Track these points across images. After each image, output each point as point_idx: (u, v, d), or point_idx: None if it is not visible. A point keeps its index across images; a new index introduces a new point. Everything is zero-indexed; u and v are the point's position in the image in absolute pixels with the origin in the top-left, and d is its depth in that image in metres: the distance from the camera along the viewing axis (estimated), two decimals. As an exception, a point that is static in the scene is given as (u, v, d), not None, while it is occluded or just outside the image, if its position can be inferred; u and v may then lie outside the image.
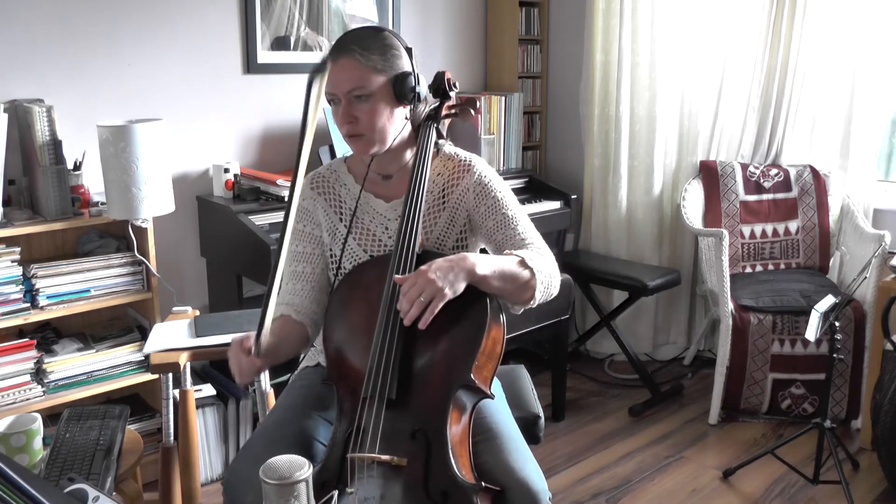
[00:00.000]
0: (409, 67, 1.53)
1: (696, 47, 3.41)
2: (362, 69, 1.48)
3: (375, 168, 1.62)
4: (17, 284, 2.30)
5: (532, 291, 1.47)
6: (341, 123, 1.52)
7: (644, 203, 3.58)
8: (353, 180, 1.66)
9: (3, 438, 1.69)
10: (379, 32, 1.54)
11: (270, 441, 1.45)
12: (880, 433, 2.54)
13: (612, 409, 3.26)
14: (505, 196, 1.61)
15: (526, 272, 1.45)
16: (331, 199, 1.65)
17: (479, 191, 1.60)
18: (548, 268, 1.50)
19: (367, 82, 1.48)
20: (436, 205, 1.61)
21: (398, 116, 1.55)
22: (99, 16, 2.63)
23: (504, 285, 1.44)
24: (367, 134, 1.52)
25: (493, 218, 1.58)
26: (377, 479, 1.31)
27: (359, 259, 1.61)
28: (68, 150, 2.43)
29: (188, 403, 2.29)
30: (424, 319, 1.34)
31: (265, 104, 3.08)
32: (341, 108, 1.51)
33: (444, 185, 1.62)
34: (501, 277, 1.43)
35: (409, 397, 1.37)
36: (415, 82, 1.53)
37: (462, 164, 1.63)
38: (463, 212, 1.62)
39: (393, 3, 3.37)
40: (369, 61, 1.48)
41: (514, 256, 1.47)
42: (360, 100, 1.49)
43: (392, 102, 1.52)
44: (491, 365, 1.42)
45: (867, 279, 2.81)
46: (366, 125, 1.51)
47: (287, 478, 1.10)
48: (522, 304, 1.51)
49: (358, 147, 1.55)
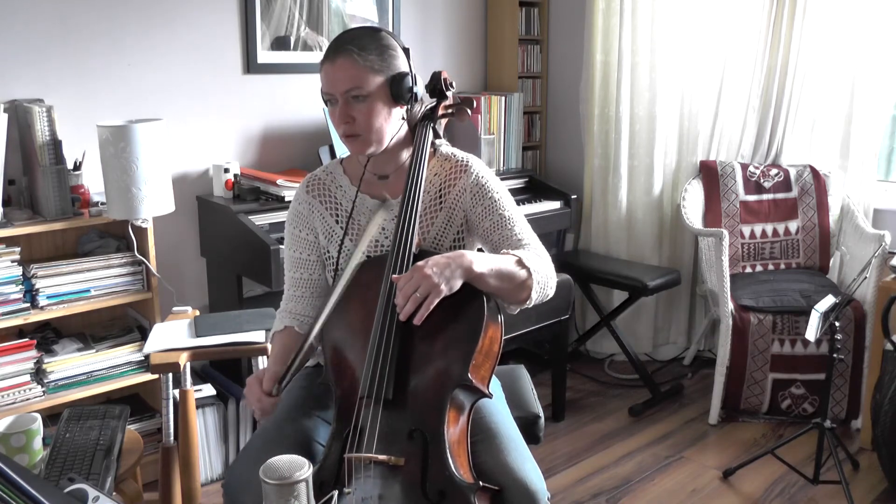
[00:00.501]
0: (406, 67, 1.53)
1: (696, 47, 3.41)
2: (359, 69, 1.48)
3: (371, 168, 1.62)
4: (17, 284, 2.30)
5: (528, 291, 1.47)
6: (338, 123, 1.52)
7: (644, 203, 3.58)
8: (349, 181, 1.66)
9: (3, 438, 1.69)
10: (376, 32, 1.54)
11: (270, 442, 1.46)
12: (880, 433, 2.54)
13: (612, 409, 3.26)
14: (502, 197, 1.61)
15: (523, 272, 1.45)
16: (326, 201, 1.65)
17: (476, 191, 1.60)
18: (544, 268, 1.51)
19: (365, 82, 1.48)
20: (433, 205, 1.61)
21: (395, 116, 1.55)
22: (99, 16, 2.63)
23: (500, 284, 1.44)
24: (364, 134, 1.52)
25: (489, 218, 1.58)
26: (375, 478, 1.31)
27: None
28: (68, 150, 2.43)
29: (188, 403, 2.29)
30: (420, 315, 1.34)
31: (265, 104, 3.08)
32: (338, 108, 1.51)
33: (441, 186, 1.62)
34: (498, 276, 1.43)
35: (406, 397, 1.37)
36: (412, 82, 1.53)
37: (459, 165, 1.63)
38: (460, 212, 1.62)
39: (393, 3, 3.37)
40: (366, 61, 1.48)
41: (512, 256, 1.47)
42: (357, 100, 1.49)
43: (389, 102, 1.52)
44: (489, 364, 1.42)
45: (867, 279, 2.81)
46: (363, 125, 1.51)
47: (287, 478, 1.10)
48: (518, 304, 1.51)
49: (354, 147, 1.55)
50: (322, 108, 3.01)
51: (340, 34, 1.54)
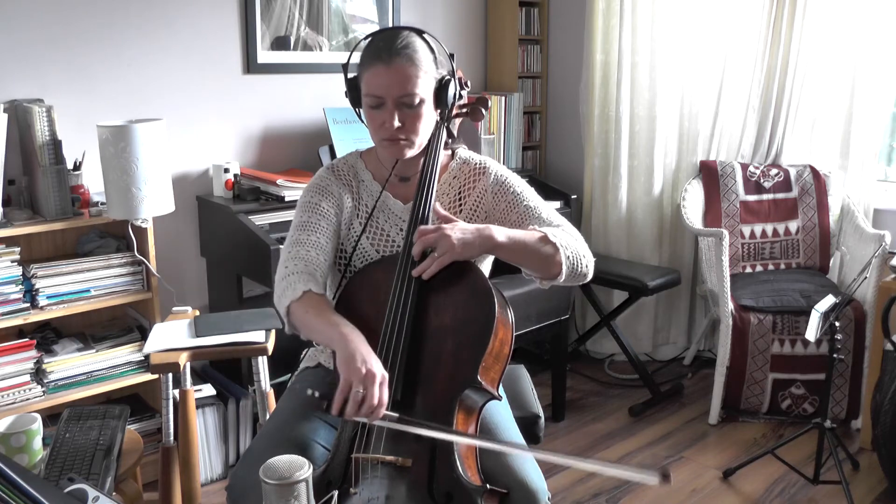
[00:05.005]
0: (449, 73, 1.53)
1: (696, 47, 3.41)
2: (416, 75, 1.46)
3: (396, 170, 1.60)
4: (16, 284, 2.30)
5: (558, 267, 1.45)
6: (381, 127, 1.50)
7: (644, 203, 3.58)
8: (371, 177, 1.64)
9: (3, 438, 1.69)
10: (421, 34, 1.52)
11: (272, 444, 1.45)
12: (880, 433, 2.54)
13: (612, 409, 3.26)
14: (524, 190, 1.61)
15: (548, 246, 1.45)
16: (351, 190, 1.63)
17: (497, 189, 1.60)
18: (574, 244, 1.49)
19: (419, 88, 1.47)
20: (451, 208, 1.61)
21: (434, 121, 1.55)
22: (99, 16, 2.63)
23: (524, 257, 1.45)
24: (409, 138, 1.51)
25: (515, 211, 1.57)
26: (382, 479, 1.31)
27: (370, 258, 1.60)
28: (68, 150, 2.43)
29: (188, 403, 2.29)
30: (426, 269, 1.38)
31: (265, 104, 3.07)
32: (386, 112, 1.48)
33: (459, 189, 1.62)
34: (522, 248, 1.44)
35: (414, 398, 1.37)
36: (455, 88, 1.53)
37: (477, 168, 1.63)
38: (481, 214, 1.61)
39: (393, 3, 3.37)
40: (422, 67, 1.47)
41: (538, 232, 1.47)
42: (406, 105, 1.48)
43: (433, 108, 1.52)
44: (498, 366, 1.42)
45: (867, 279, 2.81)
46: (409, 130, 1.50)
47: (287, 478, 1.10)
48: (550, 280, 1.50)
49: (393, 151, 1.53)
50: (322, 108, 3.00)
51: (385, 33, 1.52)
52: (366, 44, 1.53)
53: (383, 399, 1.27)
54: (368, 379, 1.26)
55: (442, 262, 1.38)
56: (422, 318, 1.41)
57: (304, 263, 1.48)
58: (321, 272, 1.49)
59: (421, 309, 1.42)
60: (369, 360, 1.28)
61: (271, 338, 2.19)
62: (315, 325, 1.40)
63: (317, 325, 1.39)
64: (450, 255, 1.38)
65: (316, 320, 1.39)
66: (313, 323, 1.40)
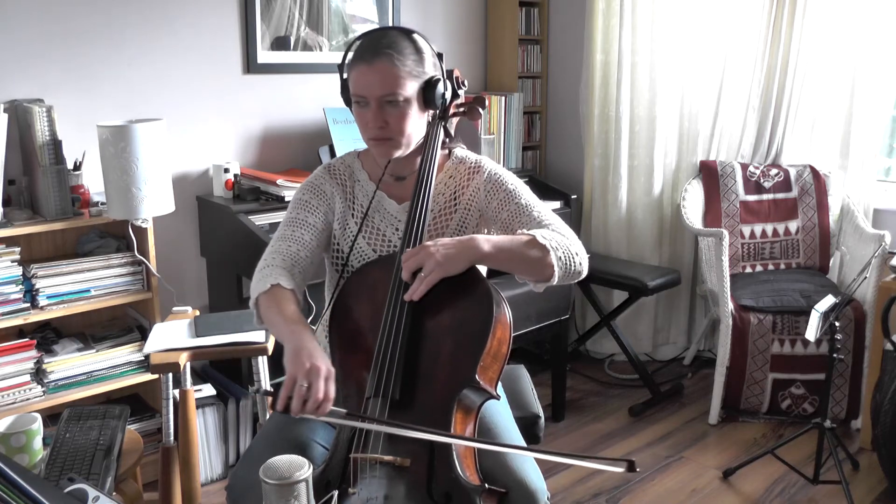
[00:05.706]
0: (438, 73, 1.53)
1: (696, 47, 3.41)
2: (398, 75, 1.46)
3: (390, 170, 1.61)
4: (17, 284, 2.30)
5: (550, 269, 1.44)
6: (368, 127, 1.51)
7: (644, 203, 3.58)
8: (367, 177, 1.65)
9: (3, 438, 1.69)
10: (410, 35, 1.52)
11: (272, 444, 1.45)
12: (880, 433, 2.54)
13: (612, 409, 3.26)
14: (517, 187, 1.60)
15: (536, 250, 1.43)
16: (346, 191, 1.64)
17: (490, 187, 1.60)
18: (565, 244, 1.47)
19: (402, 88, 1.47)
20: (447, 208, 1.61)
21: (423, 120, 1.55)
22: (99, 16, 2.63)
23: (514, 263, 1.44)
24: (395, 138, 1.51)
25: (507, 209, 1.57)
26: (381, 479, 1.30)
27: (367, 257, 1.60)
28: (68, 150, 2.43)
29: (188, 403, 2.29)
30: (416, 290, 1.36)
31: (265, 104, 3.07)
32: (370, 112, 1.49)
33: (455, 188, 1.62)
34: (509, 255, 1.42)
35: (413, 397, 1.37)
36: (444, 88, 1.53)
37: (472, 167, 1.63)
38: (475, 212, 1.61)
39: (393, 3, 3.37)
40: (405, 67, 1.47)
41: (526, 236, 1.46)
42: (390, 104, 1.48)
43: (421, 107, 1.52)
44: (497, 366, 1.42)
45: (867, 279, 2.81)
46: (394, 130, 1.50)
47: (287, 478, 1.10)
48: (544, 282, 1.47)
49: (381, 150, 1.53)
50: (322, 108, 3.00)
51: (373, 34, 1.52)
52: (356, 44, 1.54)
53: (329, 394, 1.26)
54: (313, 373, 1.25)
55: (430, 281, 1.36)
56: (420, 317, 1.41)
57: (283, 258, 1.51)
58: (300, 268, 1.51)
59: (419, 309, 1.42)
60: (315, 356, 1.28)
61: (271, 338, 2.19)
62: (272, 319, 1.41)
63: (273, 319, 1.41)
64: (437, 272, 1.36)
65: (274, 315, 1.40)
66: (271, 317, 1.41)
